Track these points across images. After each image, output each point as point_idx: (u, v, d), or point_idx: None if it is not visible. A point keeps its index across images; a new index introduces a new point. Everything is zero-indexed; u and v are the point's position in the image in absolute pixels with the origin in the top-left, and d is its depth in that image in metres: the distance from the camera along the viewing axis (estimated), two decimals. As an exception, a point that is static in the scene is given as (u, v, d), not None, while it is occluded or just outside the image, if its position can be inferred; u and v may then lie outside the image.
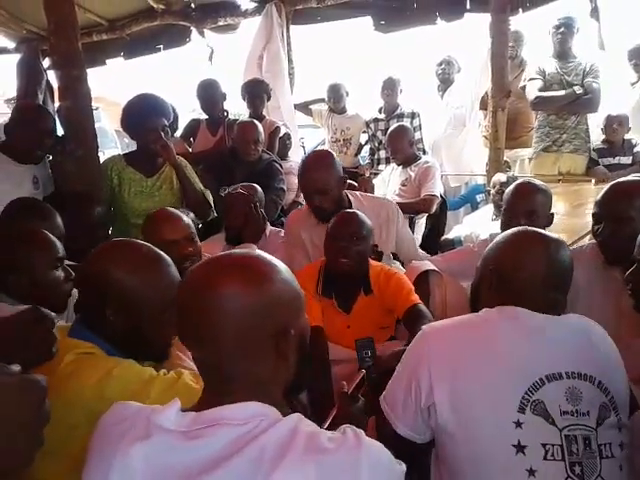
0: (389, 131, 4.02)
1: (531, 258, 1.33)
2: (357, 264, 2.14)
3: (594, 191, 3.65)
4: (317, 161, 2.54)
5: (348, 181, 2.68)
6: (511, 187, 2.37)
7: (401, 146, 3.83)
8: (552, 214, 2.30)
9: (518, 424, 1.14)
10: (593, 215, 1.96)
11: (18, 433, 0.65)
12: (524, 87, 4.32)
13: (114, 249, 1.39)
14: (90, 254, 1.36)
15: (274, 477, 0.78)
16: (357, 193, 2.72)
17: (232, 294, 0.88)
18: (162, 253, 1.40)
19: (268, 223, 2.84)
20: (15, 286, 1.59)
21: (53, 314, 1.22)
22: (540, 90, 4.20)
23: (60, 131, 2.95)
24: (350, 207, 2.52)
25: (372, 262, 2.24)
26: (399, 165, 3.90)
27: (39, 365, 1.10)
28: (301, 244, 2.61)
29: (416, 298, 2.10)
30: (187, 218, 2.17)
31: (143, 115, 2.72)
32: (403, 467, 0.90)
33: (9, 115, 2.90)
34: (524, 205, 2.23)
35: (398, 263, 2.62)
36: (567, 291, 1.37)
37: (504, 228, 2.01)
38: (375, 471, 0.82)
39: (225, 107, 3.87)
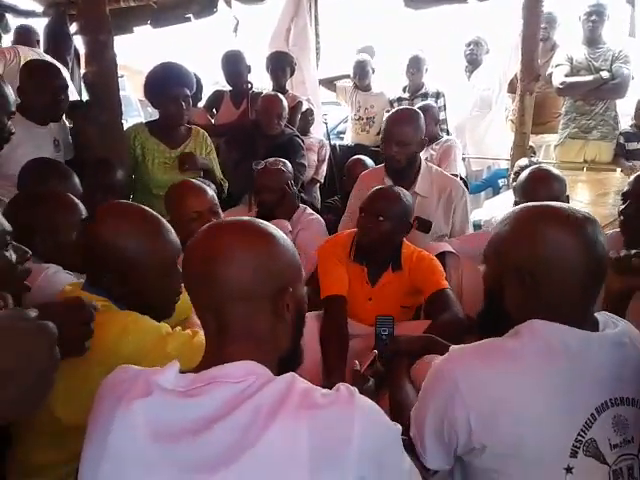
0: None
1: (569, 248, 1.08)
2: (378, 242, 2.14)
3: (619, 180, 3.59)
4: (408, 116, 2.64)
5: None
6: (526, 172, 2.33)
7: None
8: (567, 196, 2.28)
9: (569, 470, 1.02)
10: (622, 194, 1.95)
11: (35, 378, 0.67)
12: (552, 74, 4.24)
13: (113, 214, 1.39)
14: (91, 218, 1.38)
15: (268, 433, 0.80)
16: (432, 165, 2.75)
17: (235, 251, 0.91)
18: (160, 217, 1.40)
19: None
20: (40, 246, 1.62)
21: (99, 306, 1.23)
22: (567, 76, 4.12)
23: (85, 96, 2.96)
24: (419, 171, 2.60)
25: (407, 242, 2.24)
26: None
27: (69, 357, 1.09)
28: None
29: (446, 283, 2.10)
30: (211, 190, 2.18)
31: (165, 84, 2.72)
32: (398, 427, 0.91)
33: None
34: (545, 191, 2.17)
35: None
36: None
37: None
38: (368, 428, 0.83)
39: (249, 80, 3.85)
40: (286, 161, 2.81)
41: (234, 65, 3.83)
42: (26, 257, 1.28)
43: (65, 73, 2.77)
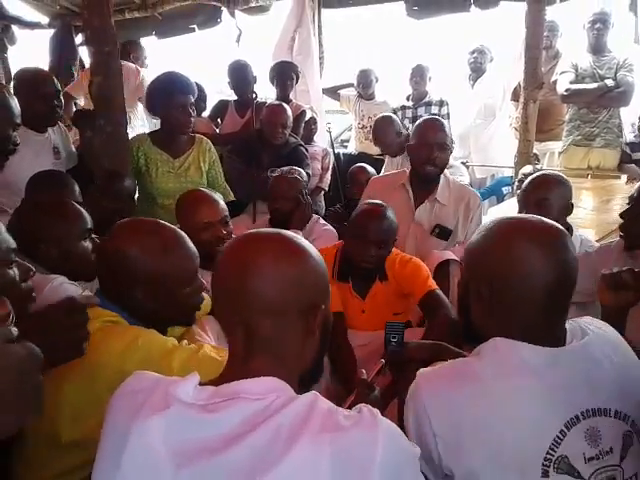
0: (375, 120, 3.98)
1: (532, 266, 1.04)
2: (377, 265, 2.16)
3: (624, 188, 3.59)
4: (441, 123, 2.67)
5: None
6: (527, 179, 2.36)
7: (389, 138, 3.80)
8: (571, 204, 2.27)
9: None
10: (629, 197, 1.97)
11: (19, 404, 0.67)
12: (556, 81, 4.25)
13: (131, 227, 1.41)
14: (109, 232, 1.39)
15: (290, 454, 0.78)
16: (450, 177, 2.77)
17: (270, 265, 0.89)
18: (178, 229, 1.42)
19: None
20: (45, 256, 1.62)
21: (96, 299, 1.22)
22: (571, 83, 4.13)
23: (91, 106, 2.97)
24: (438, 182, 2.60)
25: None
26: (393, 157, 3.88)
27: (69, 361, 1.10)
28: None
29: (433, 284, 2.12)
30: (222, 201, 2.18)
31: (171, 92, 2.73)
32: (417, 449, 0.89)
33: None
34: (535, 194, 2.20)
35: None
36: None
37: None
38: (390, 451, 0.82)
39: (254, 90, 3.87)
40: (301, 170, 2.82)
41: (241, 75, 3.85)
42: (29, 274, 1.25)
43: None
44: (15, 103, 1.91)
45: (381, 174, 3.44)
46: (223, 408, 0.84)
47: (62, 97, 2.82)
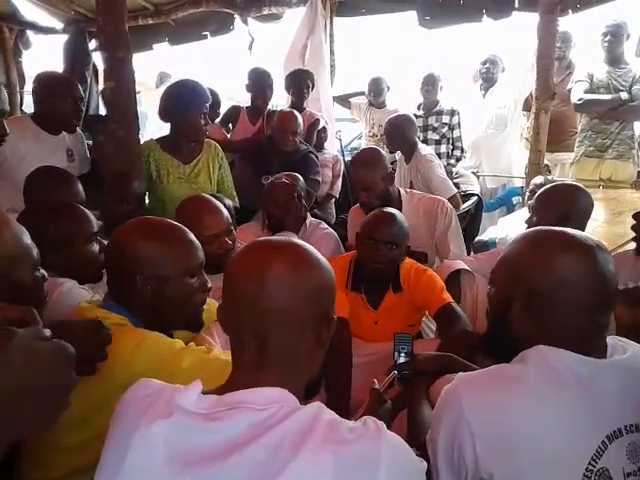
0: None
1: (579, 275, 1.06)
2: (389, 268, 2.13)
3: (637, 199, 3.56)
4: (362, 159, 2.65)
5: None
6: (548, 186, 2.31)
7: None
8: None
9: None
10: None
11: (52, 397, 0.67)
12: (570, 91, 4.23)
13: (133, 223, 1.43)
14: (115, 231, 1.40)
15: (292, 466, 0.77)
16: (411, 190, 2.76)
17: (287, 276, 0.89)
18: (179, 224, 1.43)
19: (309, 214, 2.85)
20: (52, 260, 1.62)
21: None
22: (585, 93, 4.11)
23: (103, 112, 3.00)
24: (400, 202, 2.57)
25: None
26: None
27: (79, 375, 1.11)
28: None
29: (448, 297, 2.09)
30: (225, 211, 2.15)
31: (187, 100, 2.73)
32: (424, 464, 0.88)
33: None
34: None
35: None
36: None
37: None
38: (394, 465, 0.80)
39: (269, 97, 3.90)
40: (297, 175, 2.82)
41: (261, 81, 3.87)
42: (44, 279, 1.30)
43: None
44: (1, 91, 1.89)
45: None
46: (225, 417, 0.83)
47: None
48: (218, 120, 4.16)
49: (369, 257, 2.12)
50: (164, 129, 3.06)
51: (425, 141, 4.43)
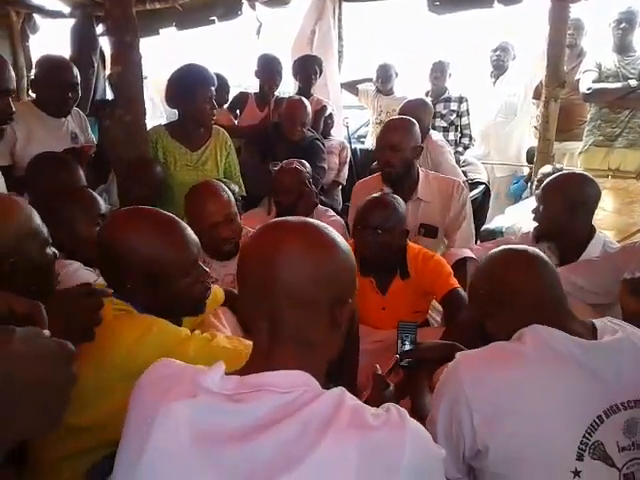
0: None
1: (522, 280, 1.24)
2: (380, 254, 2.12)
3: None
4: (399, 121, 2.67)
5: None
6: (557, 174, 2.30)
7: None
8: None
9: (576, 473, 1.03)
10: None
11: (53, 397, 0.67)
12: (579, 80, 4.19)
13: (126, 215, 1.39)
14: (103, 225, 1.39)
15: (317, 449, 0.78)
16: (429, 172, 2.75)
17: (302, 257, 0.88)
18: (175, 217, 1.39)
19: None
20: (59, 241, 1.63)
21: (110, 291, 1.25)
22: (594, 82, 4.06)
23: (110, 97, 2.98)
24: (417, 180, 2.60)
25: (411, 244, 2.22)
26: None
27: (79, 343, 1.09)
28: None
29: (455, 282, 2.09)
30: (231, 197, 2.17)
31: (194, 84, 2.71)
32: (443, 452, 0.89)
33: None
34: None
35: None
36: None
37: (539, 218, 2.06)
38: (418, 452, 0.81)
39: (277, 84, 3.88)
40: (303, 161, 2.81)
41: (272, 66, 3.85)
42: (57, 255, 1.33)
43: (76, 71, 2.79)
44: (9, 68, 1.84)
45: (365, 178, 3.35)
46: (250, 399, 0.83)
47: (79, 89, 2.81)
48: (226, 105, 4.15)
49: (360, 243, 2.12)
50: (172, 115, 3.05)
51: (433, 128, 4.40)
